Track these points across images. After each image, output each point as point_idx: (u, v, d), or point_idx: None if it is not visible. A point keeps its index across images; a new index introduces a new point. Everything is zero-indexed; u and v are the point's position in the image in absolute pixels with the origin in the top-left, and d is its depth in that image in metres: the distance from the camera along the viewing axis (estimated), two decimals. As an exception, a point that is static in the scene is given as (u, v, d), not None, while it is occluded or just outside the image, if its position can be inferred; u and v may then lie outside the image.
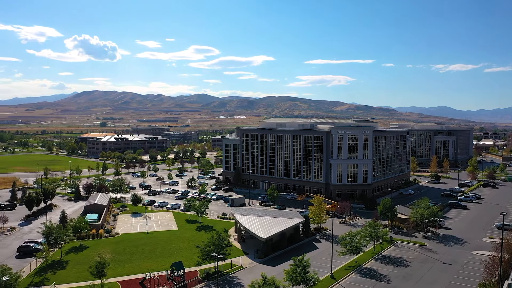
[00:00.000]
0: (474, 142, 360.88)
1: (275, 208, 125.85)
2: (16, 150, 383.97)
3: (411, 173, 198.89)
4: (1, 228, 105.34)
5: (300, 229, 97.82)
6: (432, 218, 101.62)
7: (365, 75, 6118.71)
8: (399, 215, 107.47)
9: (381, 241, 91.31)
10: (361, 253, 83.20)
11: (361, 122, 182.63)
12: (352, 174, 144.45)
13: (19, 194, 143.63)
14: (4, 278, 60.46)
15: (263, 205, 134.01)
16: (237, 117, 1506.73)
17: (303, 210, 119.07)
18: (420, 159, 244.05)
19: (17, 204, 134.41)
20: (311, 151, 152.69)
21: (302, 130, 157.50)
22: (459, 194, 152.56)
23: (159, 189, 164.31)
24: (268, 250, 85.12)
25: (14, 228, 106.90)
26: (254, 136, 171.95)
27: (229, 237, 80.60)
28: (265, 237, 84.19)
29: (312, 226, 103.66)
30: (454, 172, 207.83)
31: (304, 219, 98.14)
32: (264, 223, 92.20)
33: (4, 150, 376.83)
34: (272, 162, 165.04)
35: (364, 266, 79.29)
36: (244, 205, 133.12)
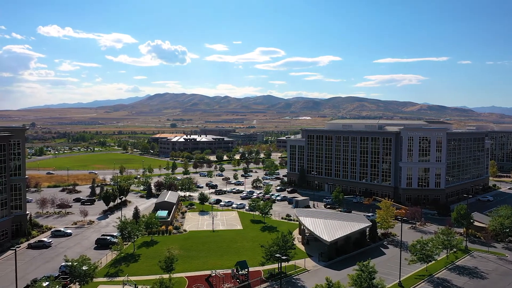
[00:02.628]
0: None
1: (340, 211, 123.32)
2: (95, 149, 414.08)
3: (490, 178, 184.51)
4: (82, 221, 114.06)
5: (367, 233, 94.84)
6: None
7: (438, 73, 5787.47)
8: (475, 223, 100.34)
9: (455, 250, 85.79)
10: (433, 262, 78.58)
11: (433, 123, 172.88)
12: (423, 178, 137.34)
13: (97, 190, 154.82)
14: (84, 268, 65.38)
15: (328, 208, 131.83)
16: (302, 118, 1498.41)
17: (369, 214, 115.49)
18: (500, 164, 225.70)
19: (96, 200, 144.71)
20: (379, 153, 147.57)
21: (370, 131, 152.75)
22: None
23: (225, 189, 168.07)
24: (332, 253, 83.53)
25: (93, 221, 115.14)
26: (320, 137, 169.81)
27: (293, 239, 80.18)
28: (329, 240, 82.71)
29: (379, 231, 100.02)
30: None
31: (371, 223, 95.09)
32: (329, 226, 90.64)
33: (86, 149, 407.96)
34: (338, 164, 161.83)
35: (436, 276, 74.92)
36: (308, 207, 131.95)
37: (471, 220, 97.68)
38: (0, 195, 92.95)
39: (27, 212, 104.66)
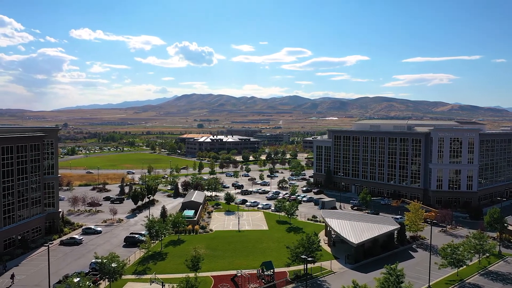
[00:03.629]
0: None
1: (367, 213, 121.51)
2: (124, 149, 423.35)
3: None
4: (111, 219, 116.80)
5: (395, 236, 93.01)
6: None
7: (470, 72, 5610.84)
8: (510, 227, 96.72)
9: (487, 254, 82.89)
10: (464, 267, 76.26)
11: (465, 123, 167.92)
12: (454, 180, 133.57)
13: (126, 189, 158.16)
14: (113, 265, 66.90)
15: (355, 209, 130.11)
16: (329, 118, 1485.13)
17: (398, 217, 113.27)
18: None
19: (125, 198, 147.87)
20: (407, 154, 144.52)
21: (398, 132, 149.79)
22: None
23: (251, 189, 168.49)
24: (359, 256, 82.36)
25: (122, 220, 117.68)
26: (347, 138, 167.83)
27: (319, 240, 79.51)
28: (356, 242, 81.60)
29: (408, 234, 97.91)
30: None
31: (399, 226, 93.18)
32: (356, 227, 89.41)
33: (115, 149, 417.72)
34: (365, 165, 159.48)
35: (468, 281, 72.70)
36: (335, 208, 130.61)
37: (505, 224, 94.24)
38: (34, 193, 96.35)
39: (60, 210, 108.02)
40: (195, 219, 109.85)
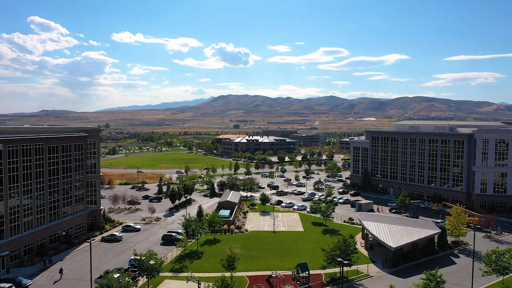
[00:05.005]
0: None
1: (406, 216, 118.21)
2: (162, 149, 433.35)
3: None
4: (149, 217, 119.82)
5: (435, 241, 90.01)
6: None
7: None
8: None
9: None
10: (510, 275, 72.64)
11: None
12: (500, 183, 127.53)
13: (164, 188, 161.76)
14: (151, 262, 68.59)
15: (393, 212, 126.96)
16: (367, 119, 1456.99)
17: (438, 221, 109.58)
18: None
19: (163, 197, 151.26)
20: (449, 156, 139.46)
21: (440, 133, 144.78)
22: None
23: (286, 190, 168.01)
24: (397, 260, 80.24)
25: (160, 218, 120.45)
26: (385, 139, 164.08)
27: (356, 243, 78.21)
28: (394, 246, 79.58)
29: (449, 238, 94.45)
30: None
31: (440, 230, 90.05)
32: (394, 231, 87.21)
33: (154, 149, 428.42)
34: (404, 167, 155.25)
35: (514, 290, 69.19)
36: (372, 211, 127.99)
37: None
38: (77, 191, 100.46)
39: (101, 208, 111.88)
40: (231, 219, 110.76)
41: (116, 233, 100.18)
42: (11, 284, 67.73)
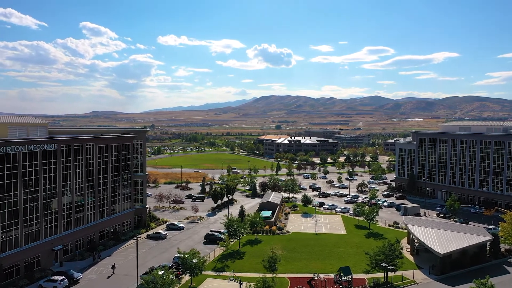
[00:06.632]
0: None
1: (455, 221, 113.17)
2: (205, 149, 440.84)
3: None
4: (193, 216, 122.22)
5: (487, 248, 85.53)
6: None
7: None
8: None
9: None
10: None
11: None
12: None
13: (207, 188, 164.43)
14: (194, 260, 69.94)
15: (442, 217, 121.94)
16: (413, 119, 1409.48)
17: (491, 227, 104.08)
18: None
19: (206, 197, 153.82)
20: (503, 159, 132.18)
21: (493, 134, 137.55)
22: None
23: (328, 192, 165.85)
24: (445, 267, 76.99)
25: (203, 217, 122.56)
26: (432, 140, 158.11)
27: (401, 248, 75.85)
28: (442, 252, 76.42)
29: (503, 246, 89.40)
30: None
31: (492, 237, 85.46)
32: (442, 236, 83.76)
33: (197, 149, 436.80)
34: (453, 170, 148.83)
35: None
36: (418, 215, 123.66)
37: None
38: (125, 190, 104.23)
39: (147, 206, 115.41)
40: (272, 220, 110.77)
41: (161, 231, 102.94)
42: (63, 277, 71.29)
